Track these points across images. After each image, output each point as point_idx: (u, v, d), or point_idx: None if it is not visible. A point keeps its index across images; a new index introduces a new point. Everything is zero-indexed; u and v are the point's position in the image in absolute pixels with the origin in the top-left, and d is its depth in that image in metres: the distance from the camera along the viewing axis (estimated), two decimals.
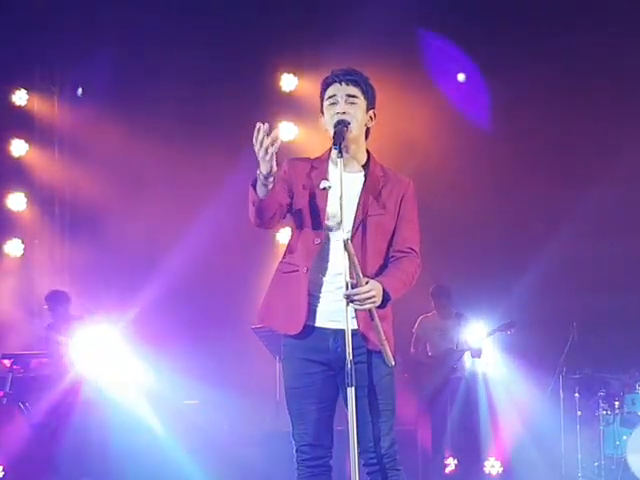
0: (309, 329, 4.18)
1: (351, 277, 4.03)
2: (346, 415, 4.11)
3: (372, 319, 4.07)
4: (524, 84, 10.80)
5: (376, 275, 4.17)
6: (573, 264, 10.53)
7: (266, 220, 4.17)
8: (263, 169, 3.95)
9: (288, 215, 4.29)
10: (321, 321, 4.18)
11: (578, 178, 10.71)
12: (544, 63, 10.74)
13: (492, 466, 10.06)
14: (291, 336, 4.22)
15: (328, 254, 4.20)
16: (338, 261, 4.12)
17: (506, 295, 10.12)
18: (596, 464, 9.24)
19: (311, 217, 4.20)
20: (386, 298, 4.09)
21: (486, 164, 10.66)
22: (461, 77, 11.52)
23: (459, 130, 10.99)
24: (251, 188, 4.08)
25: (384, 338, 4.09)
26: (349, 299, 4.02)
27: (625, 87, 10.60)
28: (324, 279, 4.19)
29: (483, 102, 11.05)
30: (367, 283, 4.04)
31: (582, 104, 10.63)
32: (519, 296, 10.11)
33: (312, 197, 4.21)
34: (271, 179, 3.99)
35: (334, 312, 4.15)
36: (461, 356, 9.39)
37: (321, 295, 4.19)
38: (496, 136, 11.01)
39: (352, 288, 4.03)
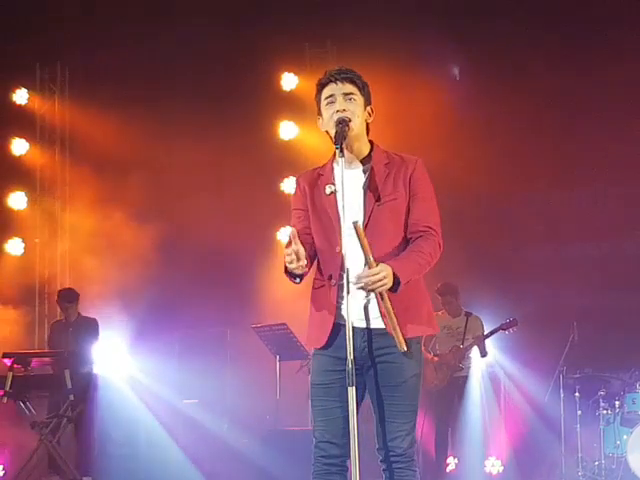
0: (339, 327, 4.16)
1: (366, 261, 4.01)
2: (368, 414, 4.15)
3: (382, 299, 4.04)
4: (524, 84, 10.81)
5: None
6: (573, 263, 10.53)
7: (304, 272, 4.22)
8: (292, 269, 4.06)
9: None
10: (351, 320, 4.10)
11: (578, 177, 10.71)
12: (545, 63, 10.75)
13: (492, 465, 10.06)
14: None
15: (352, 256, 4.14)
16: (359, 257, 4.09)
17: (506, 294, 10.12)
18: (596, 463, 9.23)
19: (326, 227, 4.20)
20: (398, 282, 4.02)
21: (486, 162, 10.65)
22: (456, 72, 11.49)
23: (459, 128, 10.97)
24: (287, 275, 4.15)
25: (396, 323, 4.06)
26: (358, 282, 3.99)
27: (626, 88, 10.60)
28: (352, 279, 4.13)
29: (480, 99, 11.02)
30: (377, 266, 4.00)
31: (582, 104, 10.65)
32: (519, 295, 10.11)
33: (323, 206, 4.22)
34: (301, 276, 4.12)
35: (362, 311, 4.14)
36: (467, 355, 9.38)
37: (350, 295, 4.12)
38: (497, 134, 10.99)
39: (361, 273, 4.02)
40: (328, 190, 4.16)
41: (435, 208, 4.27)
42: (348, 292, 4.03)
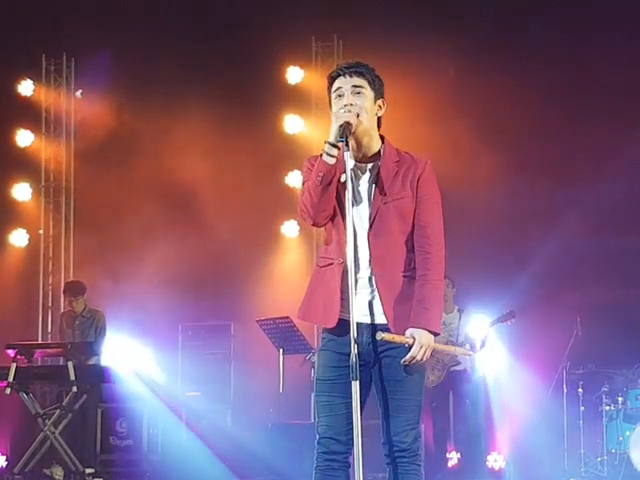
0: (346, 323, 4.13)
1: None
2: (374, 410, 4.16)
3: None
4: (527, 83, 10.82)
5: (404, 259, 4.17)
6: (577, 259, 10.52)
7: (327, 203, 4.12)
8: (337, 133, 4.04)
9: None
10: (356, 315, 4.09)
11: (581, 173, 10.70)
12: (551, 64, 10.77)
13: (495, 460, 10.05)
14: (329, 329, 4.22)
15: (358, 246, 4.15)
16: (365, 253, 4.13)
17: (510, 290, 10.11)
18: (599, 459, 9.24)
19: (340, 210, 4.18)
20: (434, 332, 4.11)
21: (488, 160, 10.64)
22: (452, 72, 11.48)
23: (459, 127, 10.95)
24: (320, 159, 4.08)
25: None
26: (410, 363, 4.08)
27: (626, 86, 10.60)
28: (358, 272, 4.14)
29: (481, 95, 11.00)
30: (409, 335, 4.05)
31: (584, 103, 10.66)
32: (523, 291, 10.10)
33: (337, 191, 4.18)
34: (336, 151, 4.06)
35: (367, 306, 4.15)
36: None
37: (356, 290, 4.12)
38: (497, 132, 10.98)
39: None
40: (343, 179, 4.12)
41: (439, 212, 4.27)
42: (356, 287, 4.03)
